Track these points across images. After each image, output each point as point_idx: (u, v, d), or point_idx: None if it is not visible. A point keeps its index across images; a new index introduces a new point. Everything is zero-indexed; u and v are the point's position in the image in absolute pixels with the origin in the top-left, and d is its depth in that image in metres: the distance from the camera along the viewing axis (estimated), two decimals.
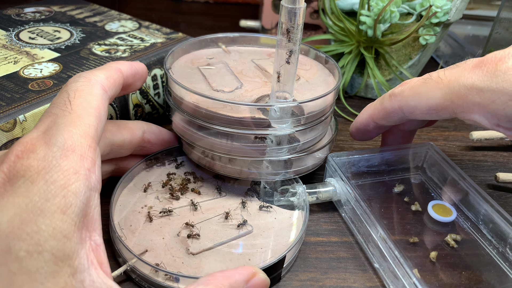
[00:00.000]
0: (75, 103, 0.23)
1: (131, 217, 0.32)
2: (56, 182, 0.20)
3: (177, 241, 0.30)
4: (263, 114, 0.31)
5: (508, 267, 0.31)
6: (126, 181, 0.34)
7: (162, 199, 0.34)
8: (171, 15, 0.75)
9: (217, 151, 0.33)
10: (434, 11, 0.46)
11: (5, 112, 0.31)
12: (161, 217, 0.32)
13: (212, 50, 0.41)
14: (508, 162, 0.44)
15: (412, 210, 0.36)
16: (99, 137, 0.24)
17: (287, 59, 0.31)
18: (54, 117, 0.23)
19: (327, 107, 0.34)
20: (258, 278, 0.24)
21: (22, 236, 0.18)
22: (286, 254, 0.29)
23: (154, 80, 0.40)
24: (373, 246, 0.32)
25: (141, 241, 0.30)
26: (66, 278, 0.19)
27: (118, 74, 0.28)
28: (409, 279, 0.27)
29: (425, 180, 0.40)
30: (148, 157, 0.36)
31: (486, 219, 0.34)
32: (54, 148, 0.21)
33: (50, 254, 0.19)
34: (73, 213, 0.20)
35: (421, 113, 0.30)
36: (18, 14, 0.47)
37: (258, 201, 0.34)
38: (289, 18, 0.29)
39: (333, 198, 0.36)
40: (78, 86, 0.25)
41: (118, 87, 0.28)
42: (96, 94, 0.25)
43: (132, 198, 0.33)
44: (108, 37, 0.43)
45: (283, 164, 0.34)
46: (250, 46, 0.42)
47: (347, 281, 0.30)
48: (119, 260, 0.29)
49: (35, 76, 0.35)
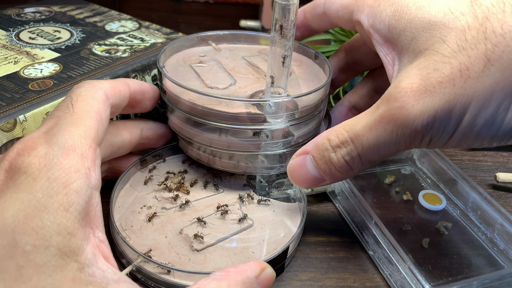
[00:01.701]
0: (77, 106, 0.22)
1: (131, 218, 0.29)
2: (58, 180, 0.18)
3: (180, 239, 0.28)
4: (258, 109, 0.29)
5: (496, 251, 0.30)
6: (123, 183, 0.31)
7: (160, 198, 0.31)
8: (171, 15, 0.70)
9: (213, 146, 0.30)
10: None
11: (5, 112, 0.28)
12: (162, 216, 0.29)
13: (203, 48, 0.38)
14: (508, 162, 0.40)
15: (404, 200, 0.34)
16: (99, 139, 0.22)
17: (281, 56, 0.28)
18: (56, 119, 0.22)
19: (320, 102, 0.32)
20: (266, 273, 0.22)
21: (28, 231, 0.17)
22: (289, 245, 0.26)
23: (154, 80, 0.37)
24: (368, 234, 0.30)
25: (144, 241, 0.27)
26: (74, 272, 0.18)
27: (124, 86, 0.27)
28: (404, 264, 0.25)
29: (415, 171, 0.37)
30: (142, 157, 0.33)
31: (475, 206, 0.33)
32: (55, 146, 0.19)
33: (56, 249, 0.17)
34: (75, 211, 0.18)
35: (334, 10, 0.29)
36: (18, 14, 0.43)
37: (256, 195, 0.32)
38: (283, 15, 0.27)
39: (327, 189, 0.33)
40: (81, 91, 0.24)
41: (123, 99, 0.27)
42: (98, 99, 0.24)
43: (130, 199, 0.30)
44: (108, 37, 0.40)
45: (278, 158, 0.31)
46: (240, 43, 0.39)
47: (347, 281, 0.27)
48: (122, 262, 0.27)
49: (35, 76, 0.32)
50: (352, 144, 0.23)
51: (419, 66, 0.22)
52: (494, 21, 0.20)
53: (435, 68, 0.21)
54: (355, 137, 0.23)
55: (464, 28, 0.21)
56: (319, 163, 0.25)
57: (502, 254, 0.29)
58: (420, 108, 0.21)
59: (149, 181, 0.32)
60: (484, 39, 0.20)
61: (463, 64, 0.20)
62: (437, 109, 0.21)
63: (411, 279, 0.25)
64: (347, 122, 0.24)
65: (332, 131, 0.24)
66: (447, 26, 0.21)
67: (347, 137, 0.23)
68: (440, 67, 0.21)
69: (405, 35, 0.23)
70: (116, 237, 0.27)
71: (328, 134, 0.24)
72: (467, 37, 0.20)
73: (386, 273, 0.28)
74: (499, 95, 0.20)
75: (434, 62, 0.21)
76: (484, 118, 0.20)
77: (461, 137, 0.21)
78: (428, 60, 0.21)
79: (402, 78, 0.22)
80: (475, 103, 0.20)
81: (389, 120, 0.22)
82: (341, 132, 0.24)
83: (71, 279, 0.17)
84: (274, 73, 0.29)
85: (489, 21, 0.20)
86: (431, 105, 0.21)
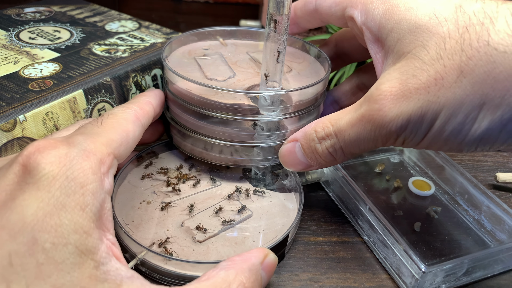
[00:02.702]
0: (106, 122, 0.22)
1: (132, 213, 0.28)
2: (76, 180, 0.18)
3: (182, 231, 0.27)
4: (253, 102, 0.28)
5: (484, 232, 0.30)
6: (120, 180, 0.30)
7: (159, 193, 0.30)
8: (171, 15, 0.67)
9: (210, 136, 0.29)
10: None
11: (5, 112, 0.26)
12: (162, 210, 0.28)
13: (210, 42, 0.36)
14: (508, 162, 0.39)
15: (394, 187, 0.33)
16: (120, 154, 0.22)
17: (276, 50, 0.27)
18: (82, 129, 0.22)
19: (316, 98, 0.30)
20: (269, 258, 0.22)
21: (47, 228, 0.17)
22: (289, 232, 0.26)
23: (154, 80, 0.35)
24: (362, 220, 0.29)
25: (146, 234, 0.26)
26: (90, 270, 0.17)
27: (148, 106, 0.27)
28: (399, 246, 0.25)
29: (403, 159, 0.36)
30: (138, 154, 0.31)
31: (462, 190, 0.32)
32: (75, 149, 0.19)
33: (74, 247, 0.17)
34: (91, 212, 0.18)
35: (326, 7, 0.28)
36: (18, 14, 0.41)
37: (252, 187, 0.31)
38: (277, 9, 0.26)
39: (321, 179, 0.32)
40: (113, 111, 0.24)
41: (150, 118, 0.26)
42: (128, 119, 0.24)
43: (129, 195, 0.29)
44: (108, 37, 0.38)
45: (273, 150, 0.30)
46: (246, 40, 0.38)
47: (347, 281, 0.26)
48: (126, 256, 0.25)
49: (35, 76, 0.30)
50: (336, 138, 0.24)
51: (400, 70, 0.22)
52: (472, 33, 0.20)
53: (414, 74, 0.21)
54: (338, 131, 0.24)
55: (445, 35, 0.21)
56: (307, 151, 0.26)
57: (489, 234, 0.29)
58: (396, 112, 0.21)
59: (147, 177, 0.31)
60: (460, 50, 0.20)
61: (438, 73, 0.20)
62: (411, 113, 0.21)
63: (406, 260, 0.25)
64: (333, 115, 0.25)
65: (319, 123, 0.25)
66: (430, 30, 0.21)
67: (332, 131, 0.24)
68: (418, 73, 0.21)
69: (392, 35, 0.23)
70: (119, 231, 0.25)
71: (316, 126, 0.25)
72: (446, 46, 0.20)
73: (381, 256, 0.27)
74: (468, 106, 0.20)
75: (414, 68, 0.21)
76: (453, 126, 0.21)
77: (431, 140, 0.22)
78: (409, 65, 0.21)
79: (383, 80, 0.22)
80: (446, 111, 0.20)
81: (368, 120, 0.22)
82: (326, 125, 0.24)
83: (88, 276, 0.17)
84: (269, 68, 0.28)
85: (468, 32, 0.20)
86: (406, 109, 0.21)
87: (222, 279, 0.19)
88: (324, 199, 0.32)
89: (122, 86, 0.32)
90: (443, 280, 0.25)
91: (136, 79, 0.33)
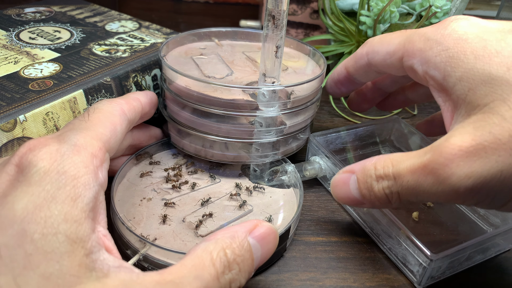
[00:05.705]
0: (93, 116, 0.21)
1: (132, 210, 0.26)
2: (67, 173, 0.17)
3: (184, 227, 0.25)
4: (251, 97, 0.26)
5: (478, 218, 0.29)
6: (120, 178, 0.28)
7: (159, 190, 0.28)
8: (171, 15, 0.64)
9: (209, 133, 0.28)
10: (433, 11, 0.37)
11: (5, 112, 0.24)
12: (164, 206, 0.27)
13: (206, 43, 0.35)
14: None
15: None
16: (110, 147, 0.21)
17: (275, 46, 0.26)
18: (71, 126, 0.20)
19: (312, 94, 0.29)
20: (262, 226, 0.19)
21: (36, 220, 0.16)
22: (290, 225, 0.24)
23: (154, 80, 0.33)
24: (364, 213, 0.28)
25: (148, 230, 0.25)
26: (81, 258, 0.16)
27: (136, 101, 0.25)
28: (404, 236, 0.24)
29: (394, 151, 0.35)
30: (137, 153, 0.30)
31: None
32: (66, 145, 0.18)
33: (64, 236, 0.16)
34: (82, 202, 0.17)
35: (380, 59, 0.25)
36: (18, 14, 0.39)
37: (251, 183, 0.29)
38: (276, 5, 0.24)
39: (318, 174, 0.31)
40: (99, 105, 0.22)
41: (137, 114, 0.25)
42: (114, 113, 0.22)
43: (129, 192, 0.28)
44: (108, 37, 0.36)
45: (272, 147, 0.28)
46: (242, 41, 0.36)
47: (347, 281, 0.25)
48: (127, 253, 0.24)
49: (35, 76, 0.29)
50: (394, 180, 0.21)
51: (475, 124, 0.18)
52: None
53: (490, 131, 0.18)
54: (397, 175, 0.20)
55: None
56: (362, 186, 0.22)
57: (483, 219, 0.29)
58: (465, 171, 0.18)
59: (146, 175, 0.29)
60: None
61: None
62: (486, 176, 0.17)
63: (413, 249, 0.23)
64: (397, 156, 0.21)
65: (381, 160, 0.22)
66: (510, 83, 0.18)
67: (391, 172, 0.21)
68: (496, 131, 0.17)
69: (462, 84, 0.20)
70: (121, 228, 0.24)
71: (376, 162, 0.22)
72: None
73: (386, 247, 0.26)
74: None
75: (491, 124, 0.18)
76: None
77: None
78: (486, 120, 0.18)
79: (455, 133, 0.19)
80: None
81: (431, 171, 0.19)
82: (387, 164, 0.21)
83: (78, 264, 0.16)
84: (267, 63, 0.26)
85: None
86: (480, 170, 0.17)
87: (202, 249, 0.18)
88: (324, 199, 0.31)
89: (122, 86, 0.30)
90: (447, 266, 0.24)
91: (136, 79, 0.31)
